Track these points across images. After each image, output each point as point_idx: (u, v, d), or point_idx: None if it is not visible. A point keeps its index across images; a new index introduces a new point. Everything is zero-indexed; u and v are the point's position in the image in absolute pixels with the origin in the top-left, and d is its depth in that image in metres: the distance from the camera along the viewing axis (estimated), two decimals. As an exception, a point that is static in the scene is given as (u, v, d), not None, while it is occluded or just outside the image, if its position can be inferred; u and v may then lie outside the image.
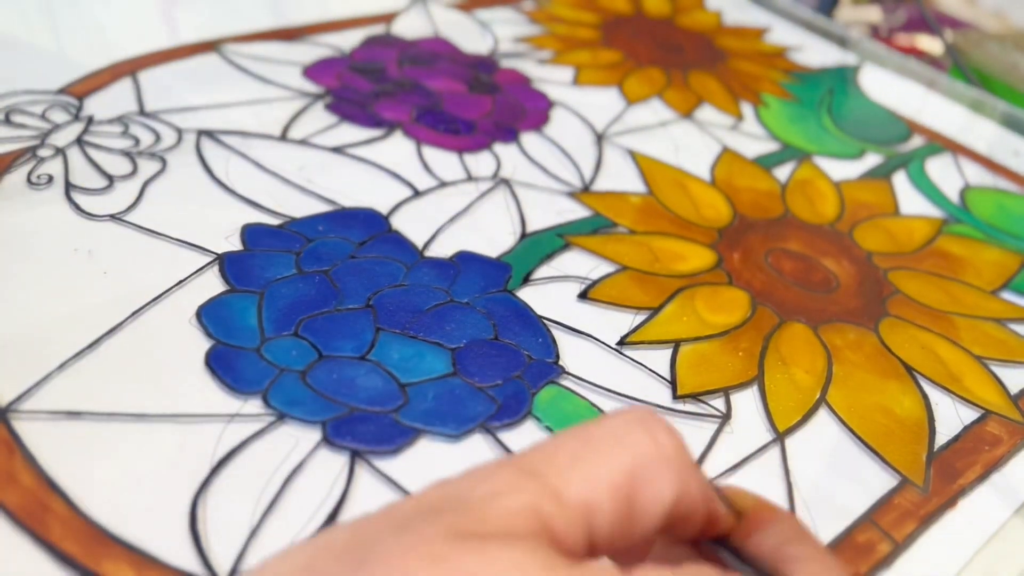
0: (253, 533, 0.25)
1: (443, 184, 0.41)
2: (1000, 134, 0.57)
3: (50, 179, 0.37)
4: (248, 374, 0.30)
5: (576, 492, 0.17)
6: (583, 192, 0.43)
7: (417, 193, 0.40)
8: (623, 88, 0.53)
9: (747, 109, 0.54)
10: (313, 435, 0.28)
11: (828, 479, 0.31)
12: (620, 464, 0.17)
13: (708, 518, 0.19)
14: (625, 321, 0.35)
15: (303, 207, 0.38)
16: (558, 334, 0.34)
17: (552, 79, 0.53)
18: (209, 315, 0.32)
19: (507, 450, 0.29)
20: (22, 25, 0.48)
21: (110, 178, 0.37)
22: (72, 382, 0.28)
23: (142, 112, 0.42)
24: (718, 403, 0.33)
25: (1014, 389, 0.36)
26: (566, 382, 0.32)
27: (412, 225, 0.38)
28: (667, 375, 0.33)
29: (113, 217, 0.36)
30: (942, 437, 0.33)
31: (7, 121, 0.39)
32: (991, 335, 0.39)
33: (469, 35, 0.56)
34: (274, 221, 0.37)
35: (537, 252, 0.38)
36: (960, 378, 0.36)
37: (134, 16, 0.51)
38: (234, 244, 0.35)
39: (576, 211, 0.41)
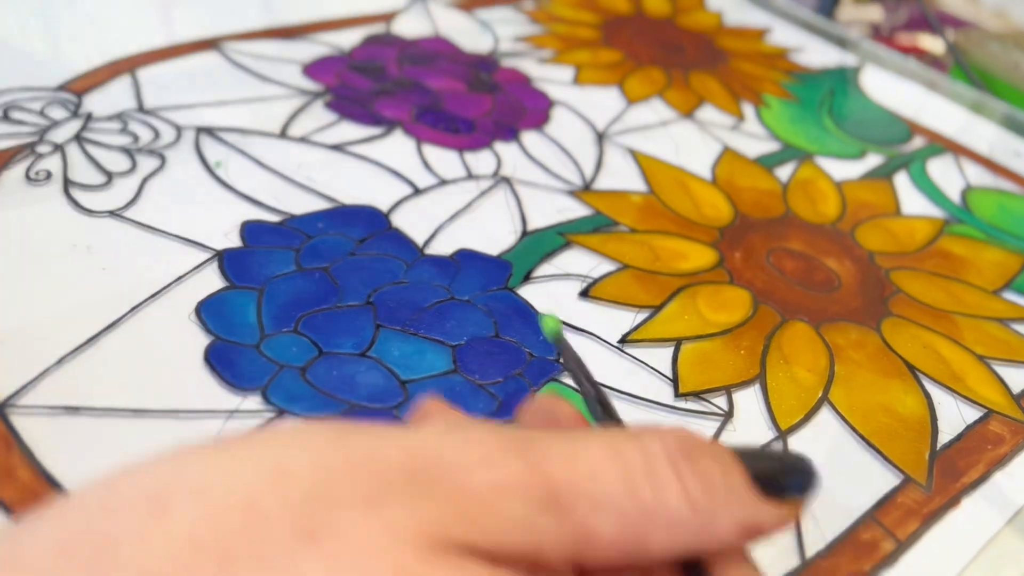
0: (252, 529, 0.25)
1: (443, 182, 0.41)
2: (1001, 135, 0.57)
3: (49, 175, 0.37)
4: (247, 370, 0.29)
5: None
6: (584, 191, 0.43)
7: (417, 191, 0.40)
8: (624, 88, 0.53)
9: (748, 109, 0.54)
10: (313, 432, 0.28)
11: (831, 478, 0.30)
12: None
13: None
14: (626, 319, 0.35)
15: (303, 204, 0.38)
16: (559, 332, 0.34)
17: (552, 78, 0.53)
18: (209, 311, 0.31)
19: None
20: (21, 22, 0.48)
21: (109, 175, 0.37)
22: (71, 377, 0.28)
23: (141, 109, 0.42)
24: (720, 401, 0.32)
25: (1016, 388, 0.36)
26: (567, 380, 0.32)
27: (412, 223, 0.38)
28: (669, 373, 0.33)
29: (112, 213, 0.35)
30: (945, 436, 0.33)
31: (6, 118, 0.39)
32: (993, 335, 0.39)
33: (469, 34, 0.56)
34: (274, 218, 0.37)
35: (538, 250, 0.38)
36: (962, 377, 0.36)
37: (134, 13, 0.50)
38: (233, 241, 0.35)
39: (577, 210, 0.41)
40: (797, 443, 0.32)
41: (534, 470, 0.15)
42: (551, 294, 0.36)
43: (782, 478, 0.17)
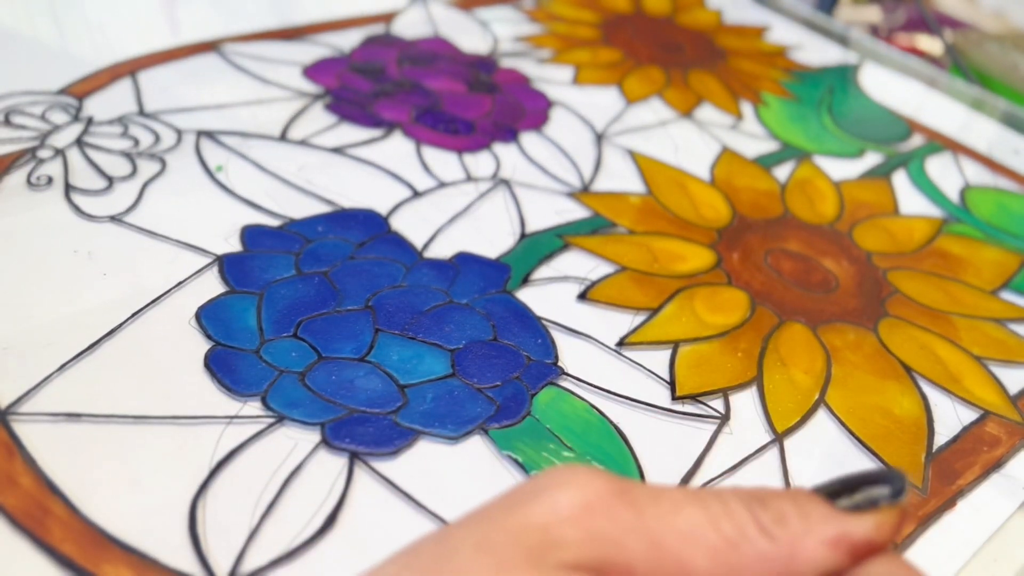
0: (252, 535, 0.25)
1: (442, 184, 0.41)
2: (1000, 133, 0.57)
3: (50, 180, 0.37)
4: (247, 376, 0.30)
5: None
6: (582, 192, 0.43)
7: (416, 194, 0.40)
8: (623, 87, 0.53)
9: (747, 108, 0.54)
10: (312, 437, 0.28)
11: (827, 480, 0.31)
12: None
13: None
14: (624, 322, 0.35)
15: (302, 208, 0.38)
16: (557, 335, 0.34)
17: (552, 78, 0.53)
18: (208, 316, 0.32)
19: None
20: (22, 25, 0.48)
21: (110, 179, 0.37)
22: (72, 384, 0.28)
23: (142, 112, 0.42)
24: (717, 404, 0.33)
25: (1013, 389, 0.36)
26: (565, 383, 0.32)
27: (411, 226, 0.38)
28: (666, 376, 0.33)
29: (113, 218, 0.36)
30: (941, 438, 0.33)
31: (7, 122, 0.39)
32: (990, 335, 0.39)
33: (469, 34, 0.56)
34: (273, 222, 0.37)
35: (536, 253, 0.38)
36: (959, 378, 0.36)
37: (134, 16, 0.51)
38: (233, 245, 0.35)
39: (575, 211, 0.41)
40: (794, 446, 0.32)
41: (619, 490, 0.17)
42: (550, 297, 0.36)
43: (868, 491, 0.18)
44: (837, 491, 0.18)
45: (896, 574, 0.18)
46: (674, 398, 0.32)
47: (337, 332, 0.32)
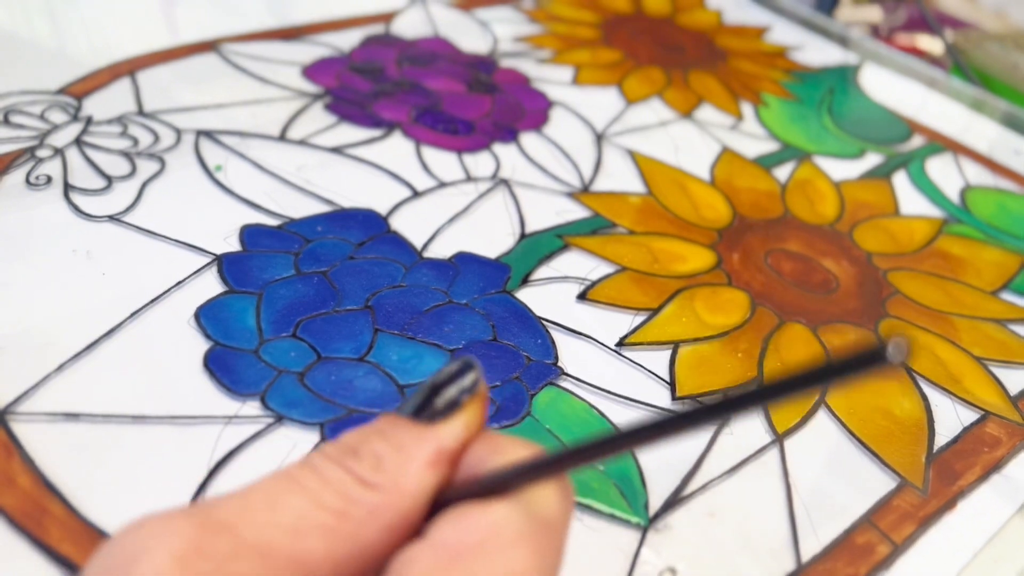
0: (251, 535, 0.25)
1: (442, 184, 0.41)
2: (1001, 134, 0.57)
3: (49, 180, 0.37)
4: (246, 375, 0.30)
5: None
6: (582, 192, 0.43)
7: (416, 193, 0.40)
8: (623, 88, 0.53)
9: (747, 109, 0.54)
10: (311, 437, 0.28)
11: (827, 481, 0.31)
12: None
13: None
14: (624, 322, 0.35)
15: (302, 208, 0.38)
16: (557, 335, 0.34)
17: (551, 79, 0.53)
18: (207, 316, 0.32)
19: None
20: (21, 25, 0.48)
21: (109, 179, 0.37)
22: (70, 383, 0.28)
23: (141, 112, 0.42)
24: (717, 404, 0.32)
25: (1014, 390, 0.36)
26: (565, 383, 0.32)
27: (411, 226, 0.38)
28: (666, 376, 0.33)
29: (112, 218, 0.35)
30: (941, 438, 0.33)
31: (6, 121, 0.39)
32: (991, 336, 0.39)
33: (468, 34, 0.56)
34: (273, 222, 0.37)
35: (536, 253, 0.38)
36: (960, 379, 0.36)
37: (133, 16, 0.51)
38: (232, 245, 0.35)
39: (575, 211, 0.41)
40: (794, 447, 0.32)
41: (202, 522, 0.16)
42: (550, 297, 0.36)
43: (445, 394, 0.18)
44: (420, 405, 0.18)
45: (498, 448, 0.17)
46: (674, 398, 0.32)
47: (336, 332, 0.32)
